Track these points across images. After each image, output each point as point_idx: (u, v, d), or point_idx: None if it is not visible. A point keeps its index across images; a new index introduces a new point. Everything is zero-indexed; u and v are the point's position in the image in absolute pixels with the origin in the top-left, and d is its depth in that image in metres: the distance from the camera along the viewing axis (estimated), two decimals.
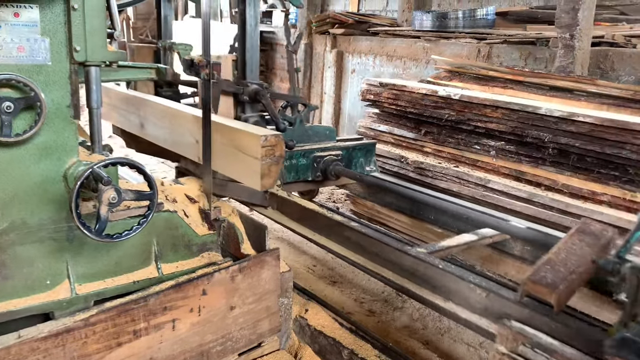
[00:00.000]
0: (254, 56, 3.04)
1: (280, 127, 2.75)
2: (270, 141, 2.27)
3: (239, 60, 3.39)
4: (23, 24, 1.80)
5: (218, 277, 2.27)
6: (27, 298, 1.97)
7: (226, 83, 2.84)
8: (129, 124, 3.28)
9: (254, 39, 3.01)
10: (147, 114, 3.02)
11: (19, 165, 1.88)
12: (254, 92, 2.85)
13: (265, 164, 2.26)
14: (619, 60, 4.50)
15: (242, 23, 3.23)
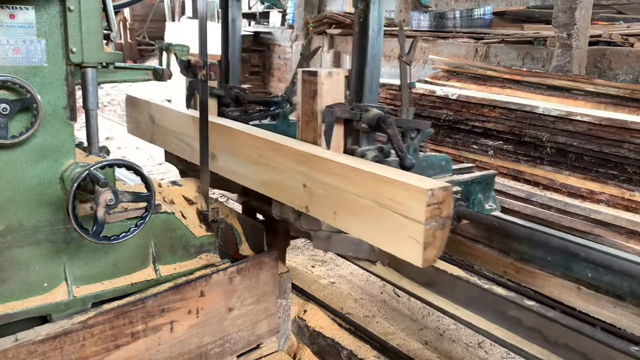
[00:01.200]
0: (375, 72, 2.22)
1: (407, 165, 2.09)
2: (437, 196, 1.62)
3: (223, 64, 3.05)
4: (19, 26, 1.79)
5: (216, 278, 2.26)
6: (24, 300, 1.95)
7: (340, 108, 2.11)
8: (192, 153, 2.66)
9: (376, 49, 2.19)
10: (224, 144, 2.46)
11: (15, 168, 1.87)
12: (375, 119, 2.11)
13: (430, 229, 1.62)
14: (616, 59, 4.50)
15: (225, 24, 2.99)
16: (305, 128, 2.20)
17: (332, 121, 2.12)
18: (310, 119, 2.16)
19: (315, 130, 2.14)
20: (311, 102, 2.14)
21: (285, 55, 8.64)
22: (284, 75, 8.74)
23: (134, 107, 3.18)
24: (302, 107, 2.19)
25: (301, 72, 2.17)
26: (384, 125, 2.12)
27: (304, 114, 2.19)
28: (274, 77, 8.99)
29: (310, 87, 2.12)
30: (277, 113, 2.99)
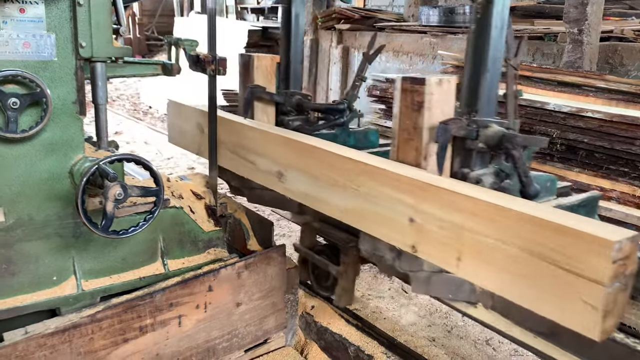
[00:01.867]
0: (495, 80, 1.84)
1: (531, 192, 1.77)
2: (624, 250, 1.25)
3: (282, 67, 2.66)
4: (29, 20, 1.79)
5: (224, 273, 2.27)
6: (34, 294, 1.96)
7: (456, 124, 1.77)
8: (251, 170, 2.36)
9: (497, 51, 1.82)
10: (297, 161, 2.12)
11: (25, 162, 1.88)
12: (497, 137, 1.76)
13: (612, 292, 1.25)
14: (628, 55, 4.46)
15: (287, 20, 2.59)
16: (404, 147, 1.85)
17: (447, 140, 1.75)
18: (412, 136, 1.82)
19: (417, 151, 1.81)
20: (414, 116, 1.79)
21: None
22: None
23: (178, 114, 2.87)
24: (401, 121, 1.85)
25: (401, 80, 1.83)
26: (509, 145, 1.74)
27: (402, 129, 1.85)
28: None
29: (414, 98, 1.79)
30: (342, 122, 2.66)
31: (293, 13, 2.62)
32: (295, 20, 2.63)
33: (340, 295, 2.69)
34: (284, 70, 2.68)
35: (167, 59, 2.69)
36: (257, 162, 2.26)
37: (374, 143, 2.88)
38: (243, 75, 2.68)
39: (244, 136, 2.36)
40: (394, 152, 1.91)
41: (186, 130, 2.80)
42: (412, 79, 1.79)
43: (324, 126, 2.62)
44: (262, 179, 2.29)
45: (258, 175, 2.29)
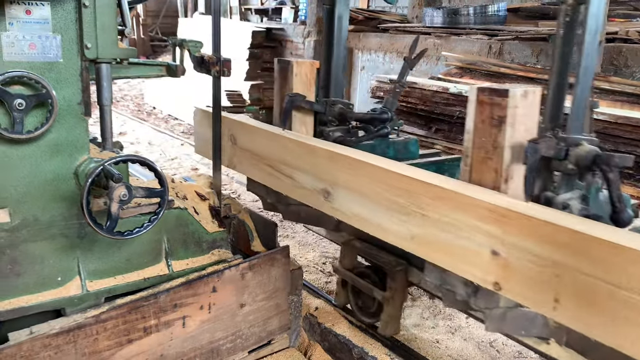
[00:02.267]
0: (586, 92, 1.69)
1: (625, 219, 1.59)
2: None
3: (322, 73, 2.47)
4: (35, 22, 1.80)
5: (228, 274, 2.27)
6: (39, 294, 1.97)
7: (546, 143, 1.57)
8: (292, 186, 2.17)
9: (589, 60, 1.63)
10: (345, 179, 1.93)
11: (31, 162, 1.88)
12: (590, 157, 1.57)
13: None
14: (633, 57, 4.44)
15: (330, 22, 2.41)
16: (480, 167, 1.65)
17: (537, 162, 1.54)
18: (491, 155, 1.62)
19: (497, 172, 1.61)
20: (494, 132, 1.59)
21: (297, 51, 8.63)
22: None
23: (207, 123, 2.64)
24: (477, 138, 1.65)
25: (476, 90, 1.63)
26: (606, 166, 1.52)
27: (478, 147, 1.65)
28: None
29: (493, 112, 1.58)
30: (386, 133, 2.45)
31: (336, 14, 2.43)
32: (338, 22, 2.44)
33: (386, 323, 2.49)
34: (325, 77, 2.51)
35: (172, 60, 2.70)
36: (297, 177, 2.09)
37: (414, 154, 2.70)
38: (280, 82, 2.50)
39: (283, 149, 2.17)
40: (466, 172, 1.71)
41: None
42: (492, 90, 1.58)
43: (368, 137, 2.44)
44: (303, 197, 2.10)
45: (298, 192, 2.11)
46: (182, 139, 7.76)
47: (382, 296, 2.45)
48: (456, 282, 1.74)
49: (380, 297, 2.46)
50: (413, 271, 2.37)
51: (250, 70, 8.58)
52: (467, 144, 1.70)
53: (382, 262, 2.42)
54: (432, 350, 2.57)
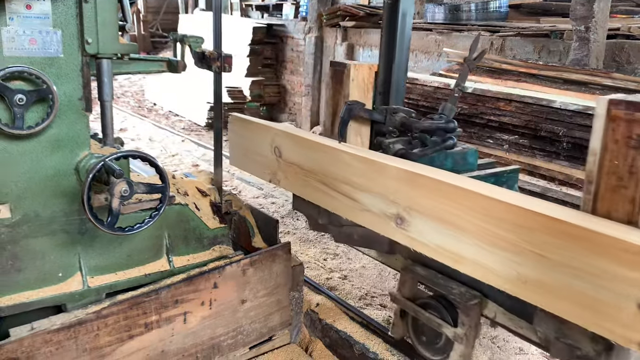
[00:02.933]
0: None
1: None
2: None
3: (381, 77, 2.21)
4: (35, 16, 1.79)
5: (229, 270, 2.27)
6: (40, 290, 1.97)
7: None
8: (354, 209, 1.90)
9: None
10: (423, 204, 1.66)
11: (31, 158, 1.88)
12: None
13: None
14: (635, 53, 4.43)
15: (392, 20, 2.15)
16: (612, 197, 1.40)
17: None
18: (626, 183, 1.37)
19: (634, 203, 1.36)
20: (631, 155, 1.34)
21: (298, 47, 8.61)
22: (296, 68, 8.72)
23: (245, 132, 2.43)
24: (606, 161, 1.40)
25: (607, 103, 1.37)
26: None
27: (609, 173, 1.40)
28: (287, 69, 8.97)
29: (632, 130, 1.33)
30: (453, 144, 2.16)
31: (400, 10, 2.16)
32: (402, 19, 2.16)
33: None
34: (384, 82, 2.24)
35: (173, 56, 2.69)
36: (362, 200, 1.83)
37: (473, 165, 2.41)
38: (334, 87, 2.28)
39: (342, 165, 1.89)
40: (590, 201, 1.46)
41: (255, 152, 2.37)
42: (629, 103, 1.32)
43: (432, 150, 2.16)
44: (369, 221, 1.85)
45: (364, 216, 1.85)
46: (183, 135, 7.76)
47: (453, 333, 2.08)
48: (580, 337, 1.49)
49: (452, 334, 2.08)
50: (488, 304, 2.03)
51: (251, 66, 8.57)
52: (591, 168, 1.44)
53: (452, 294, 2.05)
54: None
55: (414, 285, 2.26)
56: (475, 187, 1.56)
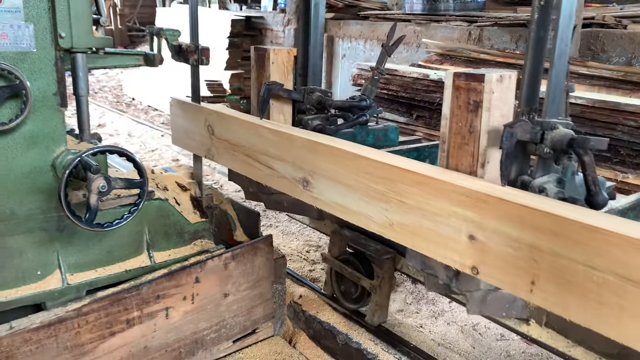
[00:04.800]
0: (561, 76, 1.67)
1: (600, 202, 1.61)
2: None
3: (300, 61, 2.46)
4: (6, 10, 1.76)
5: (211, 264, 2.26)
6: (18, 289, 1.95)
7: (522, 127, 1.56)
8: (271, 176, 2.13)
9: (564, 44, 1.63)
10: (323, 168, 1.89)
11: (6, 155, 1.85)
12: (565, 140, 1.56)
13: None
14: (609, 42, 4.49)
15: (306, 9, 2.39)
16: (458, 152, 1.67)
17: (513, 146, 1.55)
18: (467, 140, 1.64)
19: (474, 157, 1.63)
20: (470, 117, 1.61)
21: (278, 40, 8.57)
22: None
23: (183, 113, 2.65)
24: (453, 123, 1.67)
25: (452, 76, 1.64)
26: (581, 150, 1.53)
27: (455, 133, 1.67)
28: None
29: (469, 97, 1.60)
30: (365, 121, 2.46)
31: (313, 2, 2.41)
32: (315, 9, 2.41)
33: (374, 312, 2.50)
34: (302, 65, 2.47)
35: (149, 50, 2.66)
36: (277, 167, 2.06)
37: (394, 141, 2.69)
38: (257, 70, 2.46)
39: (261, 138, 2.14)
40: (444, 158, 1.71)
41: (192, 132, 2.58)
42: (468, 75, 1.59)
43: (347, 125, 2.44)
44: (284, 187, 2.08)
45: (278, 182, 2.08)
46: (163, 130, 7.69)
47: (369, 284, 2.44)
48: (437, 267, 1.75)
49: (368, 286, 2.45)
50: (400, 259, 2.38)
51: (230, 59, 8.50)
52: (444, 130, 1.70)
53: (370, 251, 2.44)
54: (415, 335, 2.60)
55: (342, 246, 2.66)
56: (357, 150, 1.81)
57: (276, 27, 8.60)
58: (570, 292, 1.27)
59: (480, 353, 2.79)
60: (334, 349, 2.51)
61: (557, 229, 1.27)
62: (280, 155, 2.06)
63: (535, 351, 2.77)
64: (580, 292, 1.25)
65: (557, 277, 1.29)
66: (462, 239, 1.49)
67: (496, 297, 1.71)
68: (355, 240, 2.54)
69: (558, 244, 1.28)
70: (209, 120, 2.42)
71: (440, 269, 1.74)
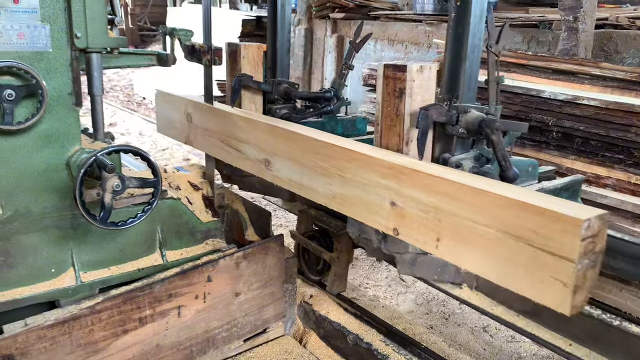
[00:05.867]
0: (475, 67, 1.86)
1: (511, 176, 1.80)
2: (593, 228, 1.29)
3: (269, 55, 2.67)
4: (23, 11, 1.77)
5: (223, 263, 2.27)
6: (33, 286, 1.96)
7: (437, 110, 1.81)
8: (239, 158, 2.32)
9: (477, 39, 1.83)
10: (282, 149, 2.08)
11: (22, 154, 1.87)
12: (477, 122, 1.79)
13: (582, 269, 1.29)
14: (623, 43, 4.46)
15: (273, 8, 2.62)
16: (388, 133, 1.91)
17: (428, 126, 1.79)
18: (395, 122, 1.87)
19: (400, 136, 1.87)
20: (396, 102, 1.85)
21: None
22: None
23: (166, 104, 2.85)
24: (384, 108, 1.90)
25: (383, 67, 1.87)
26: (489, 130, 1.78)
27: (385, 116, 1.90)
28: None
29: (396, 85, 1.83)
30: (329, 110, 2.69)
31: (279, 1, 2.62)
32: (281, 8, 2.63)
33: (333, 282, 2.78)
34: (271, 59, 2.69)
35: (162, 49, 2.67)
36: (245, 150, 2.26)
37: (362, 130, 2.92)
38: (230, 64, 2.68)
39: (232, 125, 2.34)
40: (378, 139, 1.96)
41: (174, 120, 2.78)
42: (394, 66, 1.83)
43: (311, 114, 2.66)
44: (250, 167, 2.29)
45: (246, 164, 2.29)
46: None
47: (329, 257, 2.71)
48: (370, 232, 2.01)
49: (328, 257, 2.73)
50: None
51: None
52: (377, 114, 1.94)
53: (329, 226, 2.70)
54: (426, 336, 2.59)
55: (308, 224, 2.94)
56: (307, 133, 2.01)
57: None
58: (464, 245, 1.51)
59: (491, 355, 2.78)
60: (345, 349, 2.52)
61: (453, 193, 1.51)
62: (247, 139, 2.26)
63: (546, 353, 2.75)
64: (471, 245, 1.48)
65: (454, 233, 1.52)
66: (386, 206, 1.71)
67: (426, 261, 1.95)
68: (319, 218, 2.78)
69: (454, 205, 1.51)
70: (188, 109, 2.62)
71: (372, 233, 2.00)
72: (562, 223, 1.29)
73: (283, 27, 2.66)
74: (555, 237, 1.30)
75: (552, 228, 1.31)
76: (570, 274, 1.28)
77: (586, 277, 1.32)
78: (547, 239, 1.32)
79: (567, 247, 1.28)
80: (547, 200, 1.38)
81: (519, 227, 1.37)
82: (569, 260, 1.29)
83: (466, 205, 1.48)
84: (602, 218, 1.32)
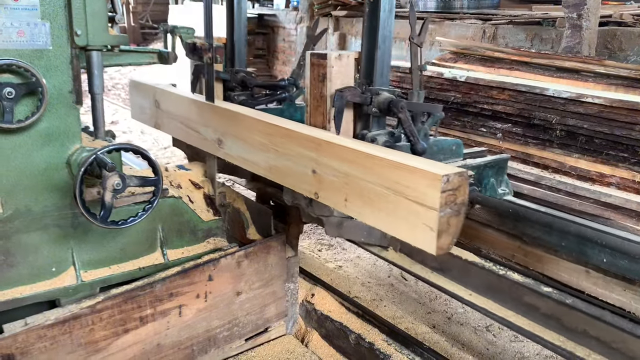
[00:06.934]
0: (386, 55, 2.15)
1: (419, 149, 2.08)
2: (452, 182, 1.54)
3: (228, 47, 2.91)
4: (23, 8, 1.76)
5: (224, 262, 2.26)
6: (33, 285, 1.95)
7: (350, 91, 2.05)
8: (198, 139, 2.54)
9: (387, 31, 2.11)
10: (232, 130, 2.31)
11: (22, 152, 1.86)
12: (386, 103, 2.06)
13: (445, 216, 1.54)
14: (627, 40, 4.43)
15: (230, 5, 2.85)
16: (314, 113, 2.17)
17: (343, 105, 2.05)
18: (319, 103, 2.12)
19: (324, 115, 2.12)
20: (320, 85, 2.09)
21: (290, 37, 8.56)
22: (288, 58, 8.68)
23: (138, 92, 3.08)
24: (311, 91, 2.14)
25: (309, 55, 2.10)
26: (395, 109, 2.06)
27: (312, 98, 2.15)
28: (279, 59, 8.93)
29: (319, 71, 2.07)
30: (284, 97, 2.92)
31: None
32: (237, 4, 2.85)
33: None
34: (230, 50, 2.91)
35: (164, 47, 2.66)
36: (202, 131, 2.48)
37: None
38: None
39: (192, 109, 2.56)
40: (307, 118, 2.21)
41: (145, 107, 2.98)
42: (318, 54, 2.07)
43: (265, 100, 2.88)
44: (207, 146, 2.50)
45: (204, 143, 2.50)
46: None
47: (282, 228, 2.78)
48: (299, 197, 2.25)
49: (281, 229, 2.78)
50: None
51: None
52: (307, 97, 2.18)
53: (281, 201, 2.72)
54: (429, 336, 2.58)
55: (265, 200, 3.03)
56: (250, 114, 2.24)
57: (288, 25, 8.59)
58: (363, 202, 1.76)
59: (494, 354, 2.76)
60: (346, 348, 2.50)
61: (355, 159, 1.77)
62: (203, 122, 2.47)
63: (550, 353, 2.74)
64: (368, 201, 1.74)
65: (357, 194, 1.77)
66: (309, 173, 1.95)
67: (352, 225, 2.18)
68: (274, 194, 2.93)
69: (355, 169, 1.76)
70: (157, 96, 2.82)
71: (301, 198, 2.24)
72: (427, 179, 1.56)
73: (239, 21, 2.90)
74: (424, 190, 1.58)
75: (421, 183, 1.58)
76: (434, 220, 1.55)
77: (450, 223, 1.58)
78: (418, 192, 1.59)
79: (431, 198, 1.55)
80: (418, 161, 1.67)
81: (398, 184, 1.65)
82: (433, 209, 1.55)
83: (363, 169, 1.75)
84: (461, 175, 1.57)
